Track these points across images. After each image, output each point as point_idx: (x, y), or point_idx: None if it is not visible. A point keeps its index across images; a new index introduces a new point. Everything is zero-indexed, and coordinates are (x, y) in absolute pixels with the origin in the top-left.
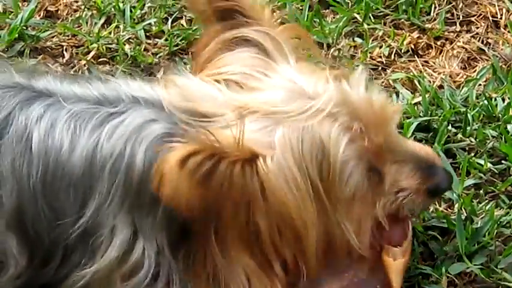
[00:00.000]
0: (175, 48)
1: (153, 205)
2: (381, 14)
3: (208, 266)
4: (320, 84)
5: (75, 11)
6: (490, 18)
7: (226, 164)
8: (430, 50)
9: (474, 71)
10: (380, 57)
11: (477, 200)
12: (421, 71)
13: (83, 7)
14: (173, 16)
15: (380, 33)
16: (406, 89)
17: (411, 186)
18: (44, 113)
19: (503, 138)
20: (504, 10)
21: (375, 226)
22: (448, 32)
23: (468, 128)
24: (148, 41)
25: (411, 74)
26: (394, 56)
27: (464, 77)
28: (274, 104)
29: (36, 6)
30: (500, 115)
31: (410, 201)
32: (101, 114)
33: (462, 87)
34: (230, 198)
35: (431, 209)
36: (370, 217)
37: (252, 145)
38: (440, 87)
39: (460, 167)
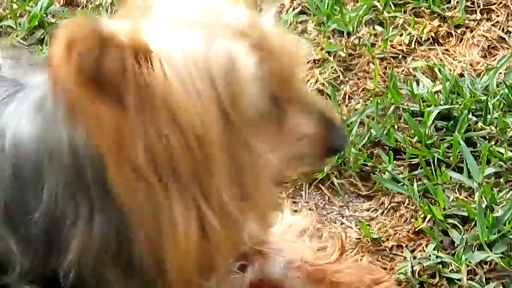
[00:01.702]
0: None
1: None
2: (401, 2)
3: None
4: (236, 7)
5: None
6: (511, 6)
7: (117, 52)
8: (451, 38)
9: (494, 60)
10: (400, 45)
11: (497, 189)
12: (441, 60)
13: None
14: None
15: (400, 22)
16: (427, 77)
17: (312, 135)
18: None
19: None
20: None
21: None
22: (469, 21)
23: (488, 116)
24: None
25: (431, 62)
26: (415, 44)
27: (485, 65)
28: (182, 11)
29: None
30: None
31: (310, 151)
32: None
33: (482, 76)
34: (129, 99)
35: (451, 198)
36: (275, 155)
37: (148, 41)
38: (461, 75)
39: (481, 155)
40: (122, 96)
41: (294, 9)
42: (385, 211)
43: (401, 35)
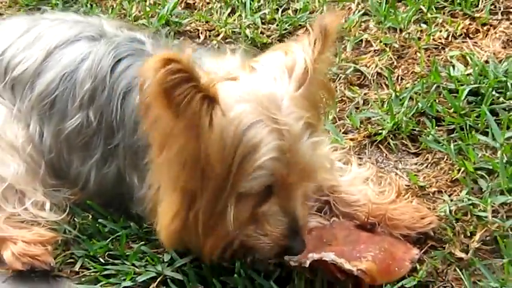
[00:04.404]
0: (284, 31)
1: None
2: (441, 6)
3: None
4: (293, 115)
5: (208, 3)
6: None
7: (192, 86)
8: (479, 34)
9: None
10: (440, 39)
11: None
12: (471, 50)
13: (214, 0)
14: (282, 7)
15: (440, 21)
16: (460, 63)
17: (273, 235)
18: None
19: None
20: None
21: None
22: (492, 20)
23: (508, 92)
24: (264, 26)
25: (464, 52)
26: (451, 38)
27: (505, 54)
28: (257, 91)
29: None
30: None
31: (265, 244)
32: None
33: (503, 62)
34: (182, 117)
35: (479, 155)
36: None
37: (221, 93)
38: (486, 62)
39: (502, 122)
40: (179, 115)
41: (359, 11)
42: (429, 165)
43: (440, 31)
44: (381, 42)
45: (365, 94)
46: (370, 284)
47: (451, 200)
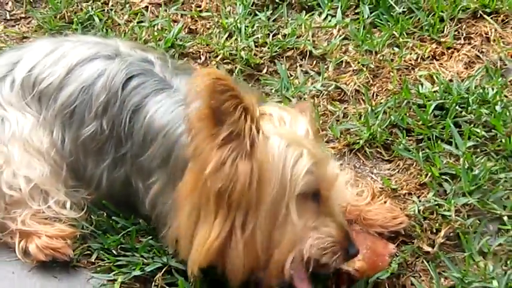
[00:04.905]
0: (274, 53)
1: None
2: (411, 31)
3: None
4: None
5: (208, 28)
6: (484, 35)
7: (234, 103)
8: (444, 56)
9: (473, 70)
10: (410, 60)
11: (475, 156)
12: (437, 70)
13: (213, 26)
14: (273, 32)
15: (410, 45)
16: (428, 82)
17: (339, 237)
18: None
19: (493, 115)
20: (493, 29)
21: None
22: (456, 44)
23: (469, 107)
24: (257, 49)
25: (431, 71)
26: (420, 59)
27: (467, 74)
28: (293, 132)
29: (182, 25)
30: (490, 99)
31: (332, 249)
32: None
33: (465, 81)
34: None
35: (444, 162)
36: (302, 228)
37: (262, 124)
38: (451, 80)
39: (464, 133)
40: (220, 134)
41: (340, 36)
42: (400, 170)
43: (411, 54)
44: (358, 63)
45: (345, 108)
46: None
47: (420, 201)
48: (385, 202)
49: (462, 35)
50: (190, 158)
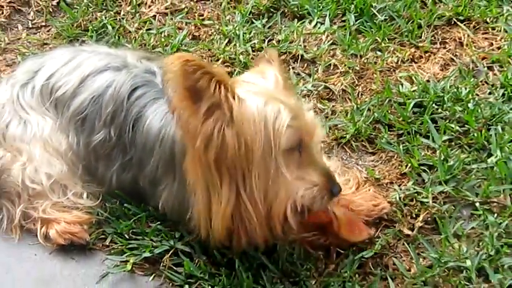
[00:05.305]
0: None
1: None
2: (392, 37)
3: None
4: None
5: (210, 35)
6: (457, 40)
7: (207, 79)
8: (422, 59)
9: (448, 72)
10: (392, 63)
11: (450, 148)
12: (416, 72)
13: (214, 33)
14: (268, 38)
15: (392, 49)
16: (407, 82)
17: (321, 183)
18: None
19: (466, 112)
20: (466, 35)
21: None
22: (433, 48)
23: (445, 105)
24: (254, 53)
25: (410, 73)
26: (400, 62)
27: (442, 75)
28: (267, 89)
29: (186, 32)
30: (464, 98)
31: (319, 194)
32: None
33: (441, 81)
34: (203, 102)
35: (422, 154)
36: (292, 177)
37: (236, 90)
38: (428, 81)
39: (440, 128)
40: (201, 110)
41: (328, 41)
42: (383, 162)
43: (392, 57)
44: (345, 65)
45: (333, 106)
46: (334, 233)
47: (400, 189)
48: (369, 190)
49: (438, 40)
50: (183, 139)
